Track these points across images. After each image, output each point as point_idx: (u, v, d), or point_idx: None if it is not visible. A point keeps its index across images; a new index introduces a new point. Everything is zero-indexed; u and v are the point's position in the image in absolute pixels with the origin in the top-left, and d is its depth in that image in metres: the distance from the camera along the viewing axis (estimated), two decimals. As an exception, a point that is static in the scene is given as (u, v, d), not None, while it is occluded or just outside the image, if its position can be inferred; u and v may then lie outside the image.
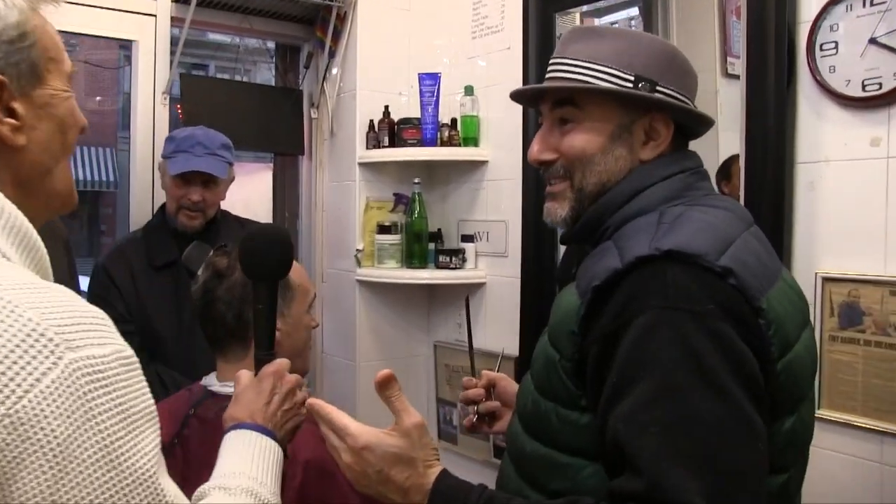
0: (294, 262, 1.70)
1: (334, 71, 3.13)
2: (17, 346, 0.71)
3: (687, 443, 0.96)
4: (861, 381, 1.77)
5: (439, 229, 3.06)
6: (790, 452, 1.14)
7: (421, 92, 2.87)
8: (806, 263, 1.88)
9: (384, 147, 2.94)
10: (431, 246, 2.98)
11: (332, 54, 3.10)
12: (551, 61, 1.30)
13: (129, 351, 0.80)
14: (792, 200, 1.91)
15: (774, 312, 1.06)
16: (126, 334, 2.35)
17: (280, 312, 1.63)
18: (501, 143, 2.82)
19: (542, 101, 1.32)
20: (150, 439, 0.79)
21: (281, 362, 1.33)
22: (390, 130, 2.94)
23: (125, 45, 3.00)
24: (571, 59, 1.25)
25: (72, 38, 3.20)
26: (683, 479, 0.94)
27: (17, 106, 0.89)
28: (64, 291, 0.80)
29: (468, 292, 2.90)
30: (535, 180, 2.56)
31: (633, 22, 2.62)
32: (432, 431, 3.11)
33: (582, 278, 1.15)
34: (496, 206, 2.86)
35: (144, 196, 2.86)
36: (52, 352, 0.72)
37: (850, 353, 1.78)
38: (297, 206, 3.39)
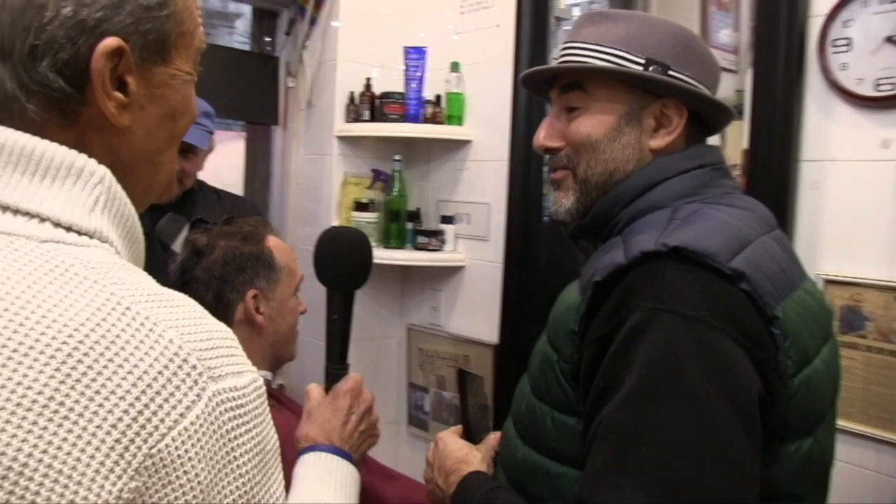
0: (281, 243, 1.62)
1: (315, 39, 3.00)
2: (160, 372, 0.60)
3: (641, 454, 0.88)
4: (861, 387, 1.73)
5: (418, 209, 2.96)
6: (806, 480, 1.05)
7: (407, 66, 2.77)
8: (807, 265, 1.79)
9: (364, 121, 2.83)
10: (409, 226, 2.88)
11: (313, 22, 2.98)
12: (562, 46, 1.23)
13: (261, 379, 0.71)
14: (795, 199, 1.85)
15: (791, 323, 0.98)
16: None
17: (265, 295, 1.55)
18: (487, 124, 2.73)
19: (551, 88, 1.25)
20: (278, 477, 0.72)
21: (357, 378, 1.28)
22: (371, 104, 2.83)
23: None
24: (581, 42, 1.19)
25: None
26: (624, 492, 0.86)
27: (131, 81, 0.75)
28: (191, 304, 0.69)
29: (441, 281, 2.83)
30: (524, 163, 2.48)
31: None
32: (402, 417, 3.05)
33: (585, 274, 1.08)
34: (479, 188, 2.77)
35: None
36: (195, 382, 0.62)
37: (851, 357, 1.72)
38: (270, 178, 3.27)
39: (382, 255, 2.81)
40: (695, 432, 0.88)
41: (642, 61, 1.14)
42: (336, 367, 1.30)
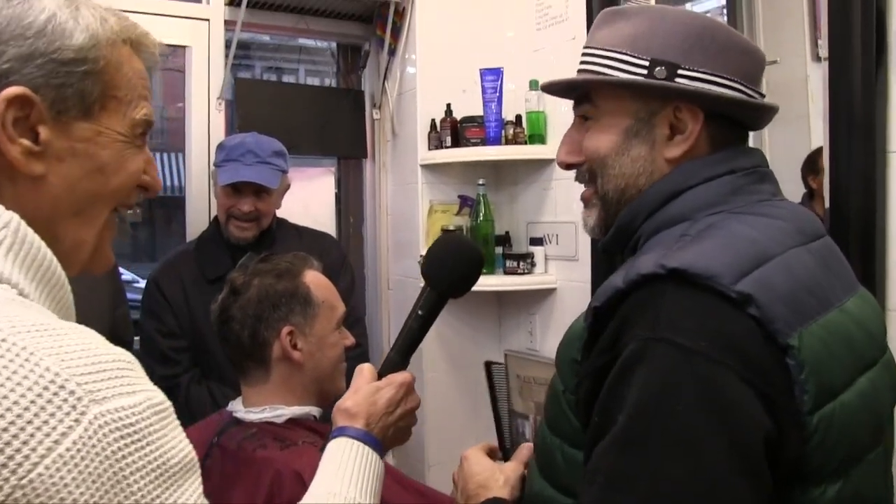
0: (320, 277, 1.60)
1: (395, 69, 3.00)
2: (33, 401, 0.60)
3: (627, 500, 0.81)
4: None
5: (507, 232, 2.90)
6: None
7: (483, 88, 2.72)
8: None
9: (447, 147, 2.80)
10: (499, 250, 2.82)
11: (392, 52, 2.98)
12: (582, 50, 1.14)
13: (161, 396, 0.70)
14: (885, 194, 1.67)
15: (810, 351, 0.86)
16: (179, 350, 2.28)
17: (301, 331, 1.53)
18: (570, 140, 2.64)
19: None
20: (190, 491, 0.71)
21: (412, 377, 1.26)
22: (453, 130, 2.79)
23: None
24: (593, 47, 1.10)
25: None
26: None
27: (44, 131, 0.78)
28: (85, 333, 0.70)
29: (535, 304, 2.75)
30: (605, 178, 2.38)
31: (710, 14, 2.42)
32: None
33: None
34: (566, 207, 2.69)
35: (201, 205, 2.80)
36: (73, 406, 0.62)
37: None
38: (362, 210, 3.28)
39: (475, 282, 2.76)
40: (685, 480, 0.79)
41: (646, 63, 1.04)
42: (398, 358, 1.27)
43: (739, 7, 2.24)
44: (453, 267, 1.29)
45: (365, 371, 1.25)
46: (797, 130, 1.89)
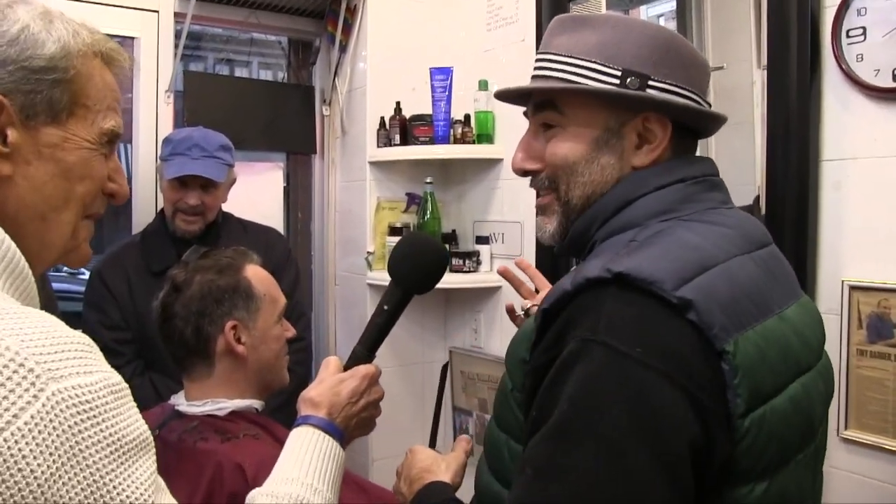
0: (261, 271, 1.62)
1: (345, 66, 3.01)
2: None
3: (550, 493, 0.83)
4: (893, 399, 1.60)
5: (454, 230, 2.94)
6: None
7: (432, 87, 2.74)
8: (831, 271, 1.72)
9: (395, 145, 2.82)
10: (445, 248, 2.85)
11: (343, 49, 2.99)
12: (536, 57, 1.14)
13: (117, 377, 0.75)
14: (816, 202, 1.74)
15: (745, 356, 0.88)
16: (122, 342, 2.24)
17: (245, 325, 1.54)
18: (517, 140, 2.66)
19: (529, 102, 1.16)
20: (144, 468, 0.75)
21: (377, 369, 1.29)
22: (402, 128, 2.82)
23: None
24: (554, 54, 1.10)
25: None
26: None
27: (12, 133, 0.83)
28: (45, 317, 0.74)
29: (480, 302, 2.78)
30: (550, 179, 2.42)
31: (662, 18, 2.46)
32: (447, 441, 3.00)
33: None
34: (512, 207, 2.73)
35: (148, 198, 2.78)
36: (32, 383, 0.66)
37: (881, 368, 1.61)
38: (310, 206, 3.29)
39: (420, 279, 2.78)
40: (605, 476, 0.82)
41: (618, 73, 1.05)
42: (364, 351, 1.30)
43: (689, 13, 2.29)
44: (418, 265, 1.33)
45: (331, 363, 1.28)
46: (742, 135, 1.94)
